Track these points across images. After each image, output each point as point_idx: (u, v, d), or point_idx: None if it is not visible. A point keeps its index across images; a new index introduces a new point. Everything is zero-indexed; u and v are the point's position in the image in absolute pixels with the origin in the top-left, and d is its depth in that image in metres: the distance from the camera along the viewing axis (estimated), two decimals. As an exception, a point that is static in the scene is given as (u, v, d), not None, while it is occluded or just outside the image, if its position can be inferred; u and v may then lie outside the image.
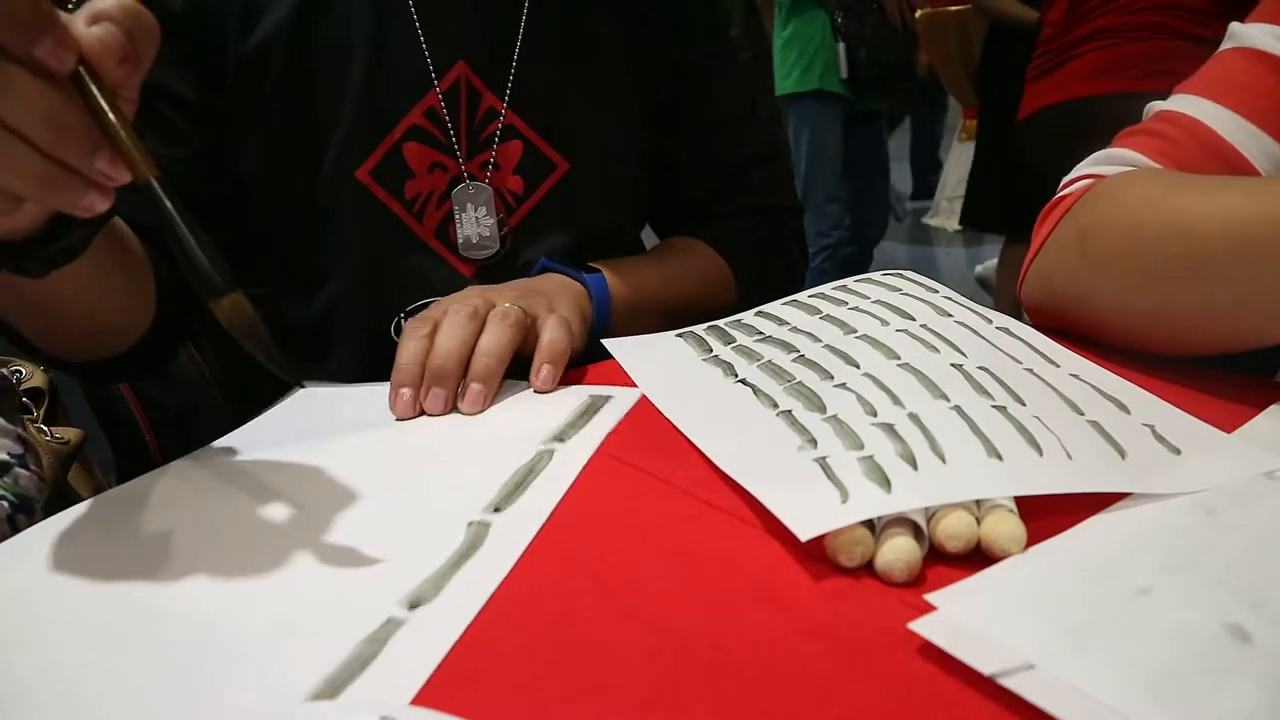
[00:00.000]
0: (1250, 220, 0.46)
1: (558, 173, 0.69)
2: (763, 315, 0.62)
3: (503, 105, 0.67)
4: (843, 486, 0.38)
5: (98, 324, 0.56)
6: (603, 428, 0.49)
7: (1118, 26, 1.48)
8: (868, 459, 0.40)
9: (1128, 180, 0.55)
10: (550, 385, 0.54)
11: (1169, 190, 0.51)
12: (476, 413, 0.52)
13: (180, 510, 0.44)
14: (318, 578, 0.38)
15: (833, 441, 0.42)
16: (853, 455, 0.41)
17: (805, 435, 0.44)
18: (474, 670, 0.32)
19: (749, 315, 0.63)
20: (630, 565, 0.37)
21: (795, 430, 0.44)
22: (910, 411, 0.43)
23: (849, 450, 0.41)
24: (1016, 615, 0.31)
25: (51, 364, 0.56)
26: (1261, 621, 0.30)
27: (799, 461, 0.41)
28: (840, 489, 0.38)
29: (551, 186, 0.69)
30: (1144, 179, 0.54)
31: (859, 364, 0.50)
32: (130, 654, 0.33)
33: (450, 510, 0.42)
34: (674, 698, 0.30)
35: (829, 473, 0.40)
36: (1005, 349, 0.52)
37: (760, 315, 0.62)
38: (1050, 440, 0.41)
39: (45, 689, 0.32)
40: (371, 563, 0.38)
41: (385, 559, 0.38)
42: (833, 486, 0.39)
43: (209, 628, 0.34)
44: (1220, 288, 0.47)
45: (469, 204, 0.67)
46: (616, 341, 0.60)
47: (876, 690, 0.29)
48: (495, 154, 0.67)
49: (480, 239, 0.68)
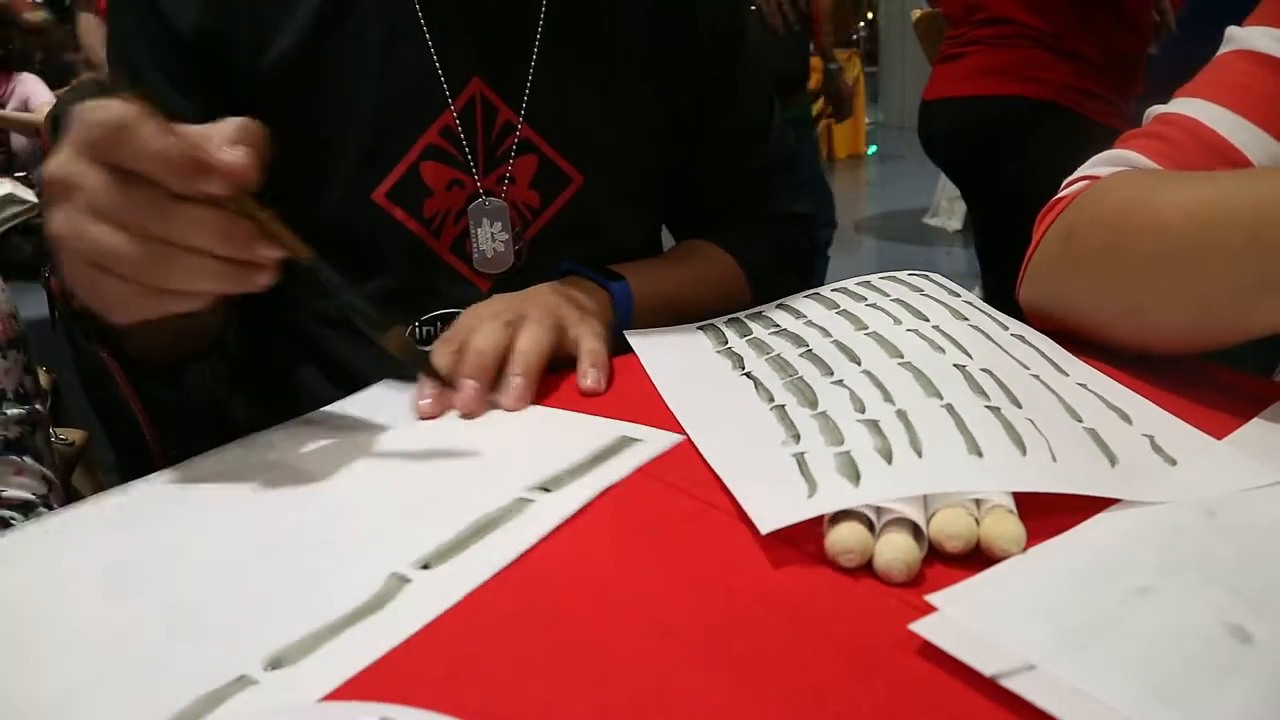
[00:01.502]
0: (1211, 212, 0.46)
1: (573, 186, 0.69)
2: (783, 307, 0.64)
3: (519, 119, 0.66)
4: (813, 480, 0.39)
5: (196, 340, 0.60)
6: (612, 475, 0.44)
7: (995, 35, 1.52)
8: (844, 454, 0.40)
9: (1117, 180, 0.55)
10: (601, 387, 0.54)
11: (1152, 187, 0.51)
12: (519, 408, 0.52)
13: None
14: (183, 621, 0.35)
15: (815, 437, 0.43)
16: (830, 450, 0.41)
17: (791, 430, 0.44)
18: (473, 670, 0.32)
19: (770, 307, 0.64)
20: (630, 565, 0.37)
21: (783, 425, 0.45)
22: (899, 408, 0.43)
23: (829, 446, 0.41)
24: (1017, 616, 0.31)
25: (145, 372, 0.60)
26: (1262, 622, 0.30)
27: (779, 456, 0.42)
28: (810, 483, 0.39)
29: (567, 201, 0.69)
30: (1133, 178, 0.54)
31: (860, 360, 0.50)
32: None
33: (379, 557, 0.38)
34: (674, 698, 0.30)
35: (803, 467, 0.40)
36: (1015, 354, 0.51)
37: (780, 307, 0.64)
38: (1038, 442, 0.41)
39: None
40: (251, 610, 0.36)
41: (270, 607, 0.36)
42: (803, 481, 0.39)
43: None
44: (1184, 282, 0.47)
45: (485, 219, 0.67)
46: (638, 334, 0.61)
47: (876, 690, 0.29)
48: (511, 168, 0.67)
49: (496, 254, 0.67)
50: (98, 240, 0.40)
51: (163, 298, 0.42)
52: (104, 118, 0.39)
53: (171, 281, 0.41)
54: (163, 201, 0.40)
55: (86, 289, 0.42)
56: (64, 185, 0.40)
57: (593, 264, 0.67)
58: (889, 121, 7.68)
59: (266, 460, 0.49)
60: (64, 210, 0.40)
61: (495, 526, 0.40)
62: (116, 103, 0.39)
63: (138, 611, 0.36)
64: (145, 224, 0.40)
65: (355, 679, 0.31)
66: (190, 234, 0.41)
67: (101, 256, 0.40)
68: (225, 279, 0.42)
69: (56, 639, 0.35)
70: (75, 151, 0.40)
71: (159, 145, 0.39)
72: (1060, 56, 1.46)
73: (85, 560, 0.40)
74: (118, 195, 0.39)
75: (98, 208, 0.40)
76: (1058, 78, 1.45)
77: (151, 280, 0.41)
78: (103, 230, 0.40)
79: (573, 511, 0.41)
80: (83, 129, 0.39)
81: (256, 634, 0.34)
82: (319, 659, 0.32)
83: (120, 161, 0.39)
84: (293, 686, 0.31)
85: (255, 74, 0.61)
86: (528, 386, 0.53)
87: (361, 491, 0.45)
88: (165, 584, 0.38)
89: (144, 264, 0.40)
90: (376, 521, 0.42)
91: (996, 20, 1.50)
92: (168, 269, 0.41)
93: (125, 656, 0.33)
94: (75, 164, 0.40)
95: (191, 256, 0.41)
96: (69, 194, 0.40)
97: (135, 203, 0.40)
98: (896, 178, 5.89)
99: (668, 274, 0.72)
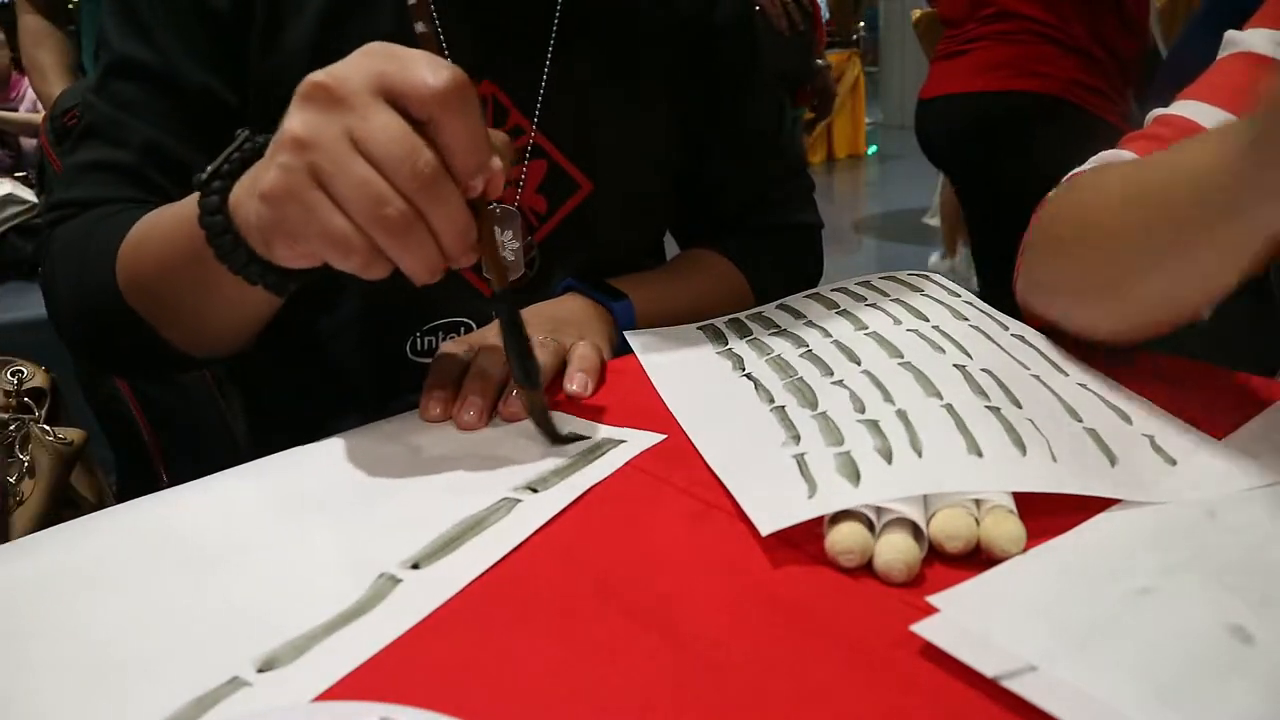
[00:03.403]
0: (1139, 190, 0.46)
1: (581, 193, 0.68)
2: (783, 308, 0.64)
3: (531, 124, 0.66)
4: (813, 481, 0.39)
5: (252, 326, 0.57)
6: (596, 475, 0.44)
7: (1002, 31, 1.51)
8: (844, 454, 0.40)
9: (1095, 169, 0.55)
10: (587, 391, 0.53)
11: (1125, 168, 0.52)
12: (523, 418, 0.51)
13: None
14: (173, 624, 0.35)
15: (815, 438, 0.43)
16: (830, 451, 0.41)
17: (791, 431, 0.44)
18: (474, 670, 0.31)
19: (770, 308, 0.64)
20: (630, 565, 0.37)
21: (784, 426, 0.45)
22: (899, 408, 0.43)
23: (828, 446, 0.41)
24: (1019, 617, 0.31)
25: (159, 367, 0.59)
26: (1263, 622, 0.30)
27: (779, 456, 0.42)
28: (810, 483, 0.39)
29: (574, 208, 0.68)
30: (1112, 166, 0.55)
31: (860, 361, 0.50)
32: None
33: (368, 558, 0.38)
34: (674, 698, 0.30)
35: (803, 468, 0.40)
36: (1015, 354, 0.51)
37: (781, 308, 0.64)
38: (1038, 442, 0.41)
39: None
40: (248, 610, 0.36)
41: (261, 609, 0.35)
42: (803, 481, 0.39)
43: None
44: (1140, 254, 0.47)
45: (496, 226, 0.65)
46: (638, 334, 0.61)
47: (876, 690, 0.29)
48: (523, 172, 0.66)
49: (506, 263, 0.66)
50: (352, 169, 0.38)
51: (366, 254, 0.39)
52: (448, 77, 0.38)
53: (391, 245, 0.39)
54: (443, 174, 0.39)
55: (298, 207, 0.39)
56: (333, 97, 0.38)
57: (594, 278, 0.67)
58: (889, 121, 7.69)
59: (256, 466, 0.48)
60: (326, 119, 0.38)
61: (484, 526, 0.40)
62: (453, 68, 0.38)
63: (128, 615, 0.36)
64: (416, 186, 0.38)
65: (348, 679, 0.31)
66: (443, 218, 0.39)
67: (347, 187, 0.38)
68: (430, 269, 0.41)
69: (48, 644, 0.35)
70: (367, 82, 0.38)
71: (480, 123, 0.38)
72: (1068, 52, 1.45)
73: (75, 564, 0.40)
74: (406, 145, 0.38)
75: (366, 139, 0.38)
76: (1065, 73, 1.45)
77: (378, 233, 0.39)
78: (362, 164, 0.38)
79: (559, 509, 0.41)
80: (403, 69, 0.38)
81: (247, 636, 0.34)
82: (311, 660, 0.32)
83: (437, 120, 0.38)
84: (285, 688, 0.31)
85: (263, 67, 0.60)
86: None
87: (350, 493, 0.45)
88: (155, 587, 0.38)
89: (386, 218, 0.38)
90: (366, 523, 0.42)
91: (1006, 15, 1.49)
92: (403, 236, 0.39)
93: (116, 660, 0.33)
94: (360, 89, 0.38)
95: (428, 237, 0.40)
96: (337, 107, 0.38)
97: (423, 162, 0.38)
98: (896, 178, 5.89)
99: (671, 289, 0.71)
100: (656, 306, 0.67)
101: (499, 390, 0.53)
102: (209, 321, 0.55)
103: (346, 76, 0.39)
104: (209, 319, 0.54)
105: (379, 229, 0.39)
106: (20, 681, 0.33)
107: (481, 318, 0.65)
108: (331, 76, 0.39)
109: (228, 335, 0.57)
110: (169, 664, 0.33)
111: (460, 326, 0.66)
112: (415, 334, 0.66)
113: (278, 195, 0.40)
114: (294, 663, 0.32)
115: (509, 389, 0.52)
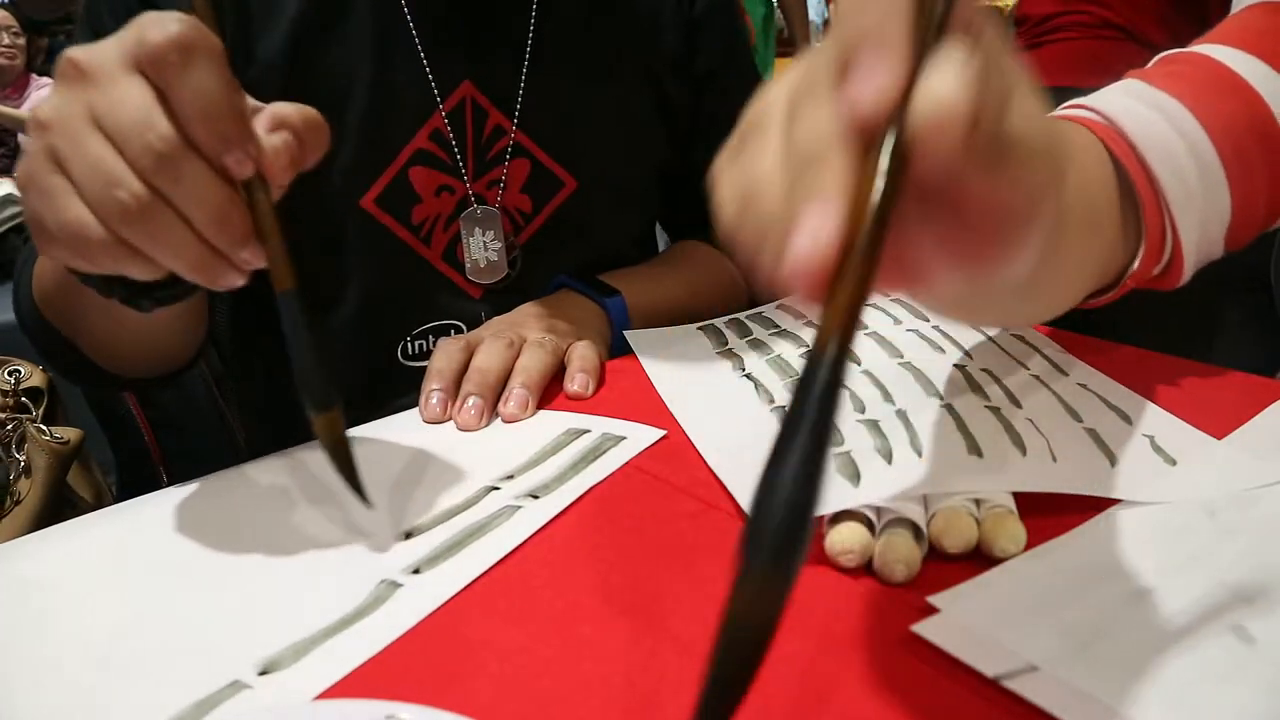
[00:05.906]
0: None
1: (565, 191, 0.68)
2: (783, 308, 0.64)
3: (511, 123, 0.65)
4: None
5: (162, 351, 0.58)
6: (596, 475, 0.44)
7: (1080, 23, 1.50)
8: (844, 454, 0.40)
9: None
10: (588, 391, 0.53)
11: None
12: (522, 417, 0.51)
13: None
14: (174, 628, 0.35)
15: None
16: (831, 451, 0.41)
17: None
18: (474, 669, 0.31)
19: (770, 308, 0.65)
20: (630, 565, 0.37)
21: None
22: (899, 408, 0.43)
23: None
24: (1019, 617, 0.31)
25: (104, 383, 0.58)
26: (1262, 622, 0.30)
27: None
28: None
29: (559, 205, 0.68)
30: None
31: (860, 360, 0.50)
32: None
33: (368, 561, 0.38)
34: (674, 698, 0.29)
35: None
36: (1015, 354, 0.51)
37: (780, 308, 0.64)
38: (1038, 442, 0.41)
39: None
40: (249, 615, 0.35)
41: (261, 612, 0.35)
42: None
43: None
44: None
45: (477, 228, 0.65)
46: (638, 334, 0.62)
47: (876, 691, 0.29)
48: (505, 172, 0.66)
49: (489, 263, 0.66)
50: (86, 149, 0.33)
51: (111, 248, 0.34)
52: (172, 31, 0.32)
53: (135, 235, 0.34)
54: (180, 147, 0.33)
55: (37, 195, 0.35)
56: (82, 72, 0.34)
57: (586, 275, 0.67)
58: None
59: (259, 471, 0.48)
60: (69, 95, 0.34)
61: (484, 532, 0.40)
62: (188, 20, 0.33)
63: (128, 617, 0.36)
64: (150, 162, 0.33)
65: (349, 678, 0.31)
66: (189, 199, 0.34)
67: (80, 168, 0.33)
68: (196, 265, 0.36)
69: (49, 648, 0.34)
70: (118, 53, 0.33)
71: (215, 84, 0.33)
72: (1144, 48, 1.44)
73: (75, 564, 0.40)
74: (139, 116, 0.33)
75: (105, 114, 0.33)
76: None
77: (115, 221, 0.34)
78: (98, 140, 0.33)
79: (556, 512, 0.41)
80: (139, 32, 0.33)
81: (248, 640, 0.34)
82: (311, 662, 0.32)
83: (166, 84, 0.33)
84: (285, 690, 0.31)
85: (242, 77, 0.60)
86: (528, 399, 0.52)
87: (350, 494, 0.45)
88: (155, 588, 0.38)
89: (119, 202, 0.33)
90: (367, 525, 0.42)
91: (1087, 9, 1.47)
92: (143, 222, 0.34)
93: (115, 662, 0.33)
94: (109, 61, 0.33)
95: (176, 222, 0.34)
96: (83, 82, 0.34)
97: (154, 134, 0.33)
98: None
99: (663, 283, 0.71)
100: (649, 300, 0.67)
101: (499, 390, 0.52)
102: (116, 340, 0.54)
103: (101, 49, 0.34)
104: (110, 337, 0.53)
105: (113, 214, 0.33)
106: (20, 682, 0.32)
107: (473, 320, 0.65)
108: (86, 51, 0.34)
109: (140, 354, 0.56)
110: (169, 666, 0.33)
111: (451, 329, 0.66)
112: (406, 338, 0.65)
113: (22, 185, 0.36)
114: (294, 665, 0.32)
115: (509, 388, 0.52)
